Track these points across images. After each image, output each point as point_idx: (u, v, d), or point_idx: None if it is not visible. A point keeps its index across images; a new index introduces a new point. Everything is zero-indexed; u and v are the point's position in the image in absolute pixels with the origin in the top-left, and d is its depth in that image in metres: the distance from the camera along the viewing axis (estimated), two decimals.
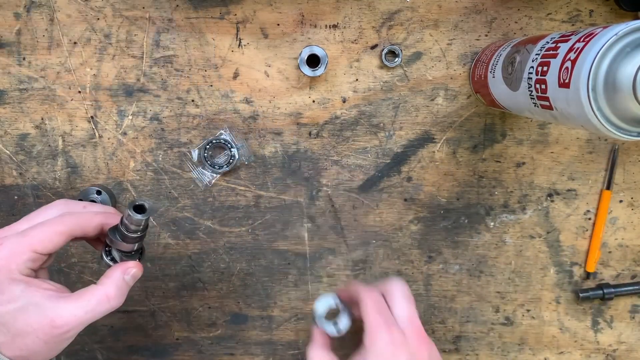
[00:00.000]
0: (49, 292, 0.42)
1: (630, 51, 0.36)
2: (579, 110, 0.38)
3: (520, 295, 0.62)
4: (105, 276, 0.44)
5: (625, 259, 0.62)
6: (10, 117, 0.57)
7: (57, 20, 0.55)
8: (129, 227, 0.43)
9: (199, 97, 0.57)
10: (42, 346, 0.41)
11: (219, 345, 0.62)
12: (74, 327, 0.41)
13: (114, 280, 0.44)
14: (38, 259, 0.42)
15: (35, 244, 0.42)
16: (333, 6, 0.56)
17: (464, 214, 0.61)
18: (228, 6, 0.56)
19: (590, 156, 0.60)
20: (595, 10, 0.57)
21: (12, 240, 0.42)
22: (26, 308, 0.41)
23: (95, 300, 0.42)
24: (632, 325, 0.63)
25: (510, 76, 0.47)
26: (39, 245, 0.42)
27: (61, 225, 0.43)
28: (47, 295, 0.41)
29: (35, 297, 0.41)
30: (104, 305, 0.43)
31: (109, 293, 0.43)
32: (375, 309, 0.48)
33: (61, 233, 0.43)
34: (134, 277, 0.45)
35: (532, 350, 0.63)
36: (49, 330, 0.41)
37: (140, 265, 0.45)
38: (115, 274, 0.44)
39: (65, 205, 0.46)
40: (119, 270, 0.44)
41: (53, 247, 0.42)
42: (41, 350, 0.41)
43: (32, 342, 0.41)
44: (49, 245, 0.42)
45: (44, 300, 0.41)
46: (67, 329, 0.41)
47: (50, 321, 0.41)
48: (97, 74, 0.56)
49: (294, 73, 0.57)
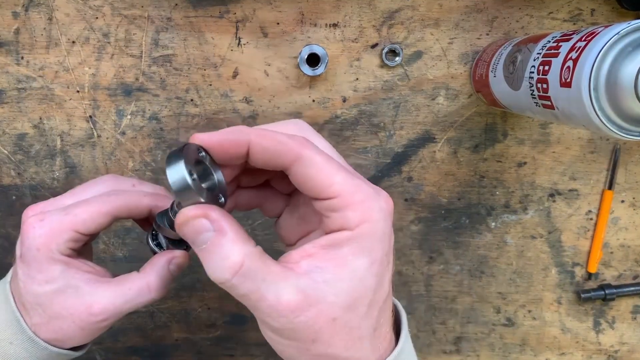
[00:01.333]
0: (89, 275, 0.40)
1: (632, 50, 0.36)
2: (581, 110, 0.37)
3: (521, 296, 0.62)
4: (149, 264, 0.41)
5: (627, 259, 0.61)
6: (8, 116, 0.56)
7: (56, 19, 0.55)
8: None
9: (198, 97, 0.57)
10: (78, 331, 0.39)
11: (218, 346, 0.62)
12: (111, 315, 0.39)
13: (157, 269, 0.41)
14: (80, 239, 0.40)
15: (78, 223, 0.39)
16: (333, 5, 0.56)
17: (465, 214, 0.60)
18: (227, 5, 0.56)
19: (592, 156, 0.59)
20: (597, 9, 0.57)
21: (53, 218, 0.39)
22: (64, 290, 0.39)
23: (136, 290, 0.40)
24: (634, 326, 0.63)
25: (512, 75, 0.47)
26: (81, 225, 0.39)
27: (107, 205, 0.40)
28: (86, 279, 0.39)
29: (74, 280, 0.39)
30: (144, 296, 0.40)
31: (150, 283, 0.40)
32: (318, 155, 0.32)
33: (106, 214, 0.40)
34: (180, 267, 0.41)
35: (533, 351, 0.63)
36: (85, 317, 0.39)
37: (187, 255, 0.42)
38: (159, 262, 0.41)
39: (114, 181, 0.43)
40: (164, 258, 0.41)
41: (96, 228, 0.40)
42: (76, 335, 0.40)
43: (67, 327, 0.39)
44: (92, 226, 0.39)
45: (83, 284, 0.39)
46: (104, 317, 0.39)
47: (88, 307, 0.39)
48: (96, 73, 0.56)
49: (294, 72, 0.57)
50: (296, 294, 0.30)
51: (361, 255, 0.31)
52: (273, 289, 0.30)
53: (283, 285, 0.31)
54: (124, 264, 0.59)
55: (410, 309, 0.62)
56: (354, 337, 0.32)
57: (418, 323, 0.62)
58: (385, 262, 0.33)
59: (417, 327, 0.62)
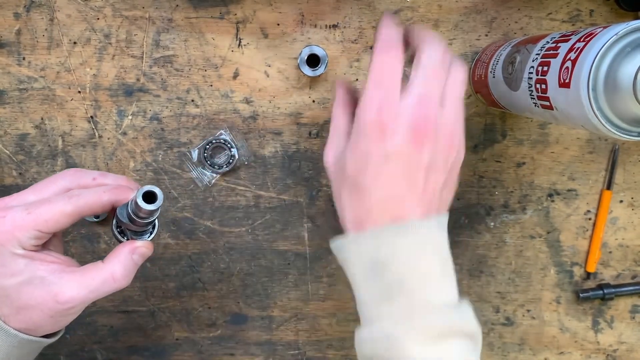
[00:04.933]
0: (54, 265, 0.41)
1: (630, 51, 0.36)
2: (580, 110, 0.38)
3: (520, 296, 0.62)
4: (113, 254, 0.42)
5: (626, 259, 0.62)
6: (10, 117, 0.57)
7: (57, 20, 0.55)
8: (137, 214, 0.41)
9: (199, 97, 0.57)
10: (47, 320, 0.41)
11: (218, 346, 0.62)
12: (77, 304, 0.41)
13: (121, 259, 0.42)
14: (43, 237, 0.41)
15: (40, 224, 0.40)
16: (333, 6, 0.56)
17: (464, 214, 0.60)
18: (228, 6, 0.56)
19: (591, 156, 0.60)
20: (596, 10, 0.57)
21: (16, 215, 0.40)
22: (30, 282, 0.40)
23: (100, 279, 0.41)
24: (632, 325, 0.63)
25: (511, 76, 0.47)
26: (43, 225, 0.40)
27: (68, 206, 0.40)
28: (51, 270, 0.40)
29: (39, 271, 0.40)
30: (109, 285, 0.41)
31: (114, 273, 0.41)
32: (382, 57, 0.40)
33: (68, 214, 0.40)
34: (143, 256, 0.43)
35: (532, 351, 0.63)
36: (52, 305, 0.40)
37: (150, 245, 0.44)
38: (123, 252, 0.42)
39: (75, 175, 0.43)
40: (127, 248, 0.42)
41: (58, 227, 0.41)
42: (46, 323, 0.41)
43: (36, 316, 0.40)
44: (53, 226, 0.40)
45: (48, 275, 0.40)
46: (71, 305, 0.40)
47: (54, 296, 0.40)
48: (97, 74, 0.56)
49: (294, 73, 0.57)
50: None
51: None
52: None
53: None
54: None
55: None
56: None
57: None
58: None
59: None
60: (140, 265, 0.44)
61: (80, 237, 0.59)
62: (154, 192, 0.40)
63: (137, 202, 0.40)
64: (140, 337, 0.62)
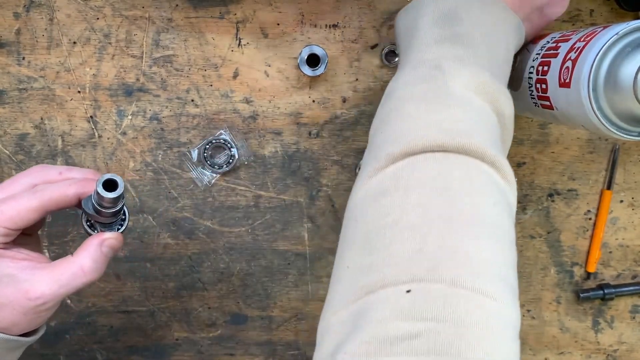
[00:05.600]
0: (24, 262, 0.41)
1: (630, 51, 0.36)
2: (580, 110, 0.38)
3: (520, 296, 0.62)
4: (82, 247, 0.42)
5: (626, 259, 0.62)
6: (10, 117, 0.57)
7: (57, 19, 0.55)
8: (101, 204, 0.40)
9: (199, 97, 0.57)
10: (21, 317, 0.40)
11: (218, 346, 0.62)
12: (49, 299, 0.40)
13: (90, 252, 0.41)
14: (11, 234, 0.40)
15: (5, 220, 0.40)
16: (333, 6, 0.56)
17: None
18: (228, 6, 0.56)
19: (591, 156, 0.60)
20: (596, 9, 0.57)
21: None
22: (0, 280, 0.40)
23: (70, 274, 0.41)
24: (632, 325, 0.63)
25: (511, 76, 0.47)
26: (9, 222, 0.40)
27: (33, 201, 0.40)
28: (21, 267, 0.40)
29: (9, 269, 0.40)
30: (79, 278, 0.41)
31: (84, 266, 0.41)
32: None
33: (34, 210, 0.40)
34: (112, 248, 0.43)
35: (532, 351, 0.63)
36: (24, 303, 0.39)
37: (119, 236, 0.43)
38: (92, 245, 0.42)
39: (41, 171, 0.43)
40: (95, 241, 0.42)
41: (25, 224, 0.40)
42: (21, 321, 0.40)
43: (9, 314, 0.40)
44: (20, 222, 0.40)
45: (18, 272, 0.40)
46: (43, 301, 0.40)
47: (25, 293, 0.39)
48: (97, 74, 0.56)
49: (294, 73, 0.57)
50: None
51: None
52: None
53: None
54: (124, 263, 0.59)
55: None
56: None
57: None
58: None
59: None
60: (116, 251, 0.43)
61: (80, 237, 0.59)
62: (114, 179, 0.40)
63: (98, 191, 0.39)
64: (140, 337, 0.62)
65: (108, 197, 0.39)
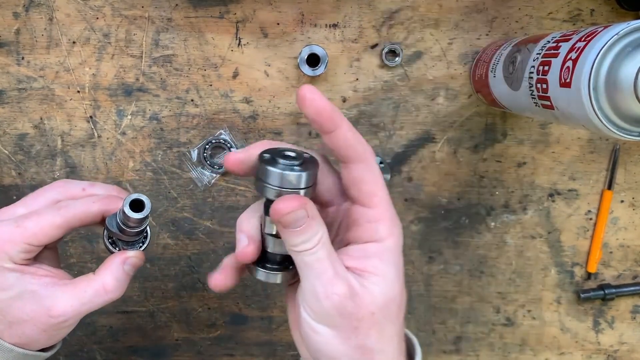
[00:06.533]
0: (46, 279, 0.40)
1: (631, 50, 0.36)
2: (580, 110, 0.38)
3: (521, 296, 0.62)
4: (104, 265, 0.42)
5: (627, 259, 0.61)
6: (9, 116, 0.57)
7: (56, 19, 0.55)
8: (126, 223, 0.40)
9: (199, 97, 0.57)
10: (41, 334, 0.40)
11: (218, 346, 0.62)
12: (71, 317, 0.40)
13: (112, 270, 0.41)
14: (33, 250, 0.40)
15: (29, 237, 0.39)
16: (333, 5, 0.56)
17: (465, 214, 0.60)
18: (227, 5, 0.56)
19: (592, 156, 0.59)
20: (597, 9, 0.57)
21: (4, 229, 0.39)
22: (21, 296, 0.39)
23: (92, 292, 0.40)
24: (633, 325, 0.63)
25: (511, 76, 0.47)
26: (32, 238, 0.40)
27: (57, 218, 0.40)
28: (43, 283, 0.40)
29: (31, 285, 0.40)
30: (101, 297, 0.41)
31: (106, 284, 0.41)
32: (376, 166, 0.37)
33: (57, 227, 0.40)
34: (134, 266, 0.43)
35: (533, 351, 0.63)
36: (45, 320, 0.40)
37: (141, 255, 0.43)
38: (114, 263, 0.42)
39: (64, 187, 0.43)
40: (118, 259, 0.42)
41: (48, 240, 0.40)
42: (40, 337, 0.41)
43: (30, 330, 0.40)
44: (43, 239, 0.40)
45: (40, 288, 0.40)
46: (64, 318, 0.40)
47: (47, 310, 0.39)
48: (96, 74, 0.56)
49: (294, 72, 0.57)
50: (345, 286, 0.34)
51: (389, 265, 0.36)
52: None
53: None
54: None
55: (410, 308, 0.62)
56: (386, 334, 0.36)
57: (418, 323, 0.62)
58: (403, 272, 0.37)
59: (417, 327, 0.62)
60: (137, 269, 0.43)
61: (79, 237, 0.59)
62: (141, 200, 0.40)
63: (124, 211, 0.39)
64: (139, 338, 0.62)
65: (134, 217, 0.39)
